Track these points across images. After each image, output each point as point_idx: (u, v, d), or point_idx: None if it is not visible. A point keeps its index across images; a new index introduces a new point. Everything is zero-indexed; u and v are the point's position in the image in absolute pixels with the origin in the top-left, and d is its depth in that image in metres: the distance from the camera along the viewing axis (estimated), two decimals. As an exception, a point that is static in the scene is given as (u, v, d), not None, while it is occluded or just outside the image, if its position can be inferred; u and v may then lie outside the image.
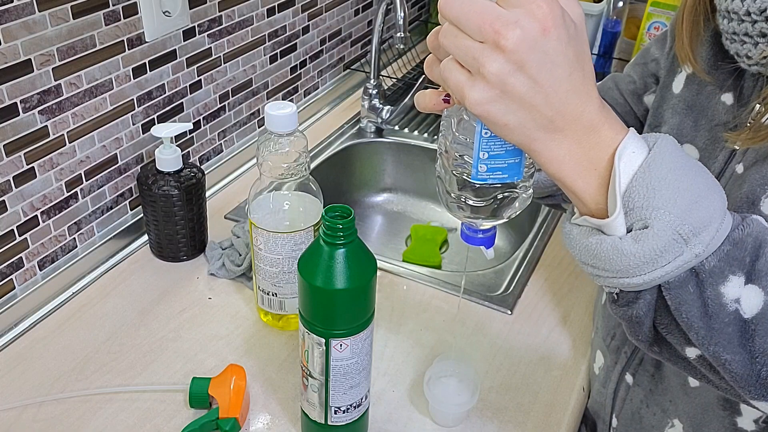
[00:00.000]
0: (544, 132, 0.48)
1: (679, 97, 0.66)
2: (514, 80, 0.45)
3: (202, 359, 0.82)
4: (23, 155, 0.83)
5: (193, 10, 1.01)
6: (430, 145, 1.29)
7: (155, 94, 0.99)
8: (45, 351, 0.82)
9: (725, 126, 0.61)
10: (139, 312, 0.88)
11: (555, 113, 0.47)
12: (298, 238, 0.78)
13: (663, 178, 0.47)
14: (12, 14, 0.76)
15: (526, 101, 0.46)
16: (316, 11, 1.29)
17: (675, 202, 0.46)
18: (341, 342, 0.61)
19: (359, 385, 0.66)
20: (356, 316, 0.61)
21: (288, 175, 0.77)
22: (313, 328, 0.62)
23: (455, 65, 0.47)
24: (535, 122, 0.47)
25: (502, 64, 0.44)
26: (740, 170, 0.59)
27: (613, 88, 0.80)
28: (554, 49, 0.45)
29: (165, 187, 0.90)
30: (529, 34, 0.44)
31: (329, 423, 0.67)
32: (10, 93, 0.79)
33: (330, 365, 0.63)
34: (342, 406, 0.66)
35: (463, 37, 0.45)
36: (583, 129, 0.48)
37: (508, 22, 0.44)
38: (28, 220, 0.86)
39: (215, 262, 0.94)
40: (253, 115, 1.22)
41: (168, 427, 0.73)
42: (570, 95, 0.47)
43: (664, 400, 0.69)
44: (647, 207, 0.47)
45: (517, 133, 0.47)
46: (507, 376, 0.81)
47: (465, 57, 0.46)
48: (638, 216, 0.47)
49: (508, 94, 0.46)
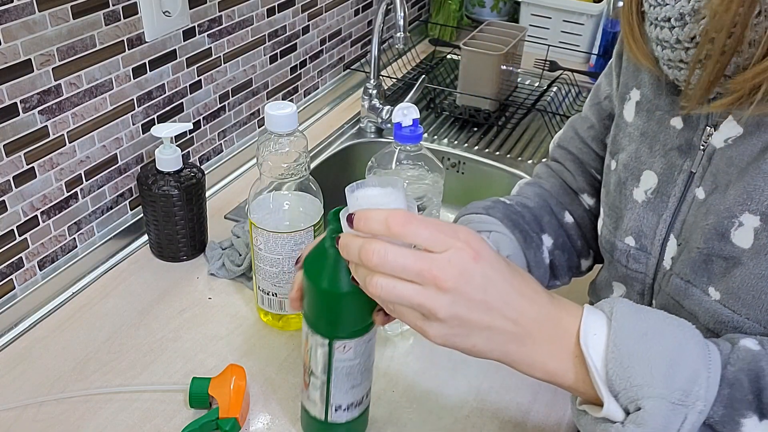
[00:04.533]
0: (515, 343, 0.51)
1: (632, 126, 0.65)
2: (465, 311, 0.49)
3: (202, 359, 0.82)
4: (23, 155, 0.83)
5: (193, 10, 1.01)
6: (429, 144, 1.29)
7: (155, 94, 0.99)
8: (45, 351, 0.82)
9: (679, 150, 0.60)
10: (139, 312, 0.88)
11: (514, 323, 0.50)
12: (298, 238, 0.78)
13: (632, 353, 0.48)
14: (12, 14, 0.76)
15: (484, 322, 0.49)
16: (316, 11, 1.29)
17: (653, 375, 0.47)
18: (345, 344, 0.61)
19: (361, 384, 0.65)
20: (361, 319, 0.61)
21: (288, 175, 0.77)
22: (317, 328, 0.61)
23: (407, 309, 0.50)
24: (502, 336, 0.50)
25: (449, 302, 0.48)
26: (701, 195, 0.58)
27: (575, 138, 0.79)
28: (490, 267, 0.50)
29: (165, 187, 0.90)
30: (463, 267, 0.48)
31: (329, 420, 0.67)
32: (10, 93, 0.79)
33: (332, 365, 0.63)
34: (343, 404, 0.66)
35: (401, 286, 0.49)
36: (547, 325, 0.51)
37: (442, 265, 0.48)
38: (28, 220, 0.86)
39: (215, 262, 0.94)
40: (253, 115, 1.22)
41: (168, 427, 0.73)
42: (520, 300, 0.51)
43: None
44: (630, 388, 0.48)
45: (488, 351, 0.51)
46: (507, 376, 0.81)
47: (412, 305, 0.49)
48: (627, 398, 0.48)
49: (465, 323, 0.49)
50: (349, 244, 0.51)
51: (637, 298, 0.66)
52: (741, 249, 0.54)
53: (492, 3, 1.72)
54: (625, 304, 0.51)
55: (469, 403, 0.78)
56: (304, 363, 0.66)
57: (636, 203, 0.64)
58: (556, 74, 1.47)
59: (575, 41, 1.59)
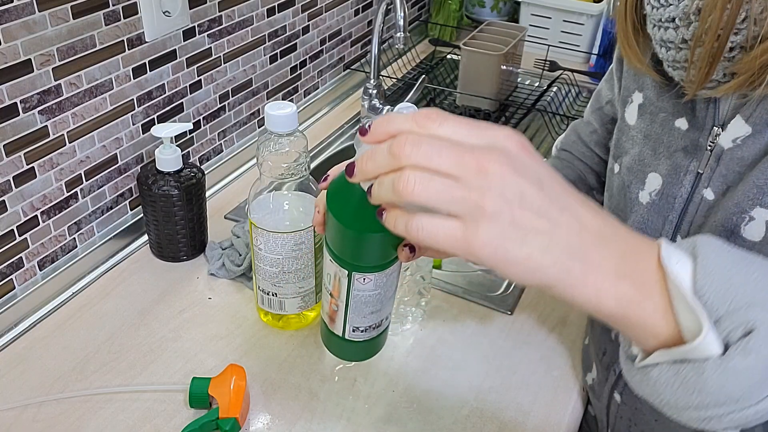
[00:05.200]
0: (579, 258, 0.40)
1: (635, 128, 0.65)
2: (518, 203, 0.39)
3: (202, 359, 0.82)
4: (23, 155, 0.83)
5: (193, 10, 1.01)
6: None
7: (155, 94, 0.99)
8: (45, 351, 0.82)
9: (684, 151, 0.60)
10: (139, 312, 0.88)
11: (578, 230, 0.40)
12: (298, 238, 0.78)
13: (731, 275, 0.40)
14: (12, 14, 0.76)
15: (542, 224, 0.39)
16: (316, 11, 1.29)
17: (765, 295, 0.39)
18: (365, 276, 0.57)
19: (380, 310, 0.61)
20: (384, 256, 0.56)
21: (288, 175, 0.77)
22: (337, 258, 0.56)
23: (437, 218, 0.40)
24: (564, 246, 0.39)
25: (498, 190, 0.38)
26: (710, 196, 0.58)
27: (578, 141, 0.79)
28: (542, 164, 0.41)
29: (165, 187, 0.90)
30: (513, 155, 0.39)
31: (346, 338, 0.63)
32: (10, 93, 0.79)
33: (351, 294, 0.59)
34: (360, 326, 0.62)
35: (438, 180, 0.39)
36: (615, 240, 0.41)
37: (486, 150, 0.39)
38: (28, 220, 0.86)
39: (215, 262, 0.94)
40: (253, 115, 1.22)
41: (168, 427, 0.73)
42: (581, 207, 0.41)
43: (650, 419, 0.68)
44: (736, 310, 0.39)
45: (545, 265, 0.39)
46: (507, 376, 0.81)
47: (453, 200, 0.39)
48: (732, 324, 0.39)
49: (519, 222, 0.39)
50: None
51: None
52: (752, 242, 0.53)
53: (492, 3, 1.71)
54: (707, 235, 0.43)
55: (469, 403, 0.78)
56: (324, 283, 0.61)
57: (641, 205, 0.63)
58: (556, 74, 1.47)
59: (575, 41, 1.59)
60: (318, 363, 0.82)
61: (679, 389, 0.40)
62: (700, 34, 0.51)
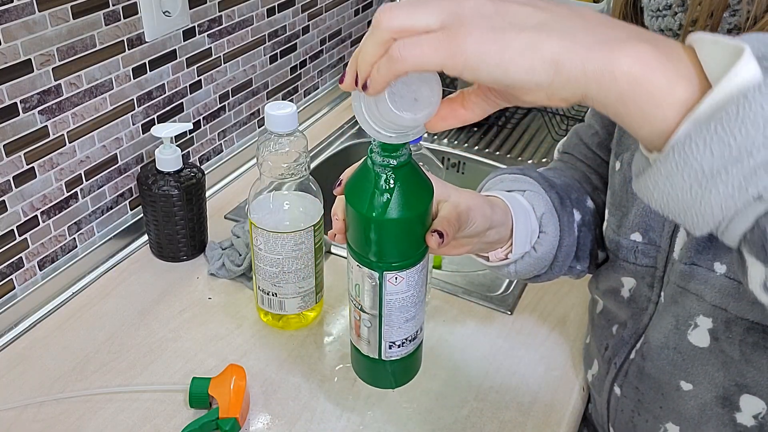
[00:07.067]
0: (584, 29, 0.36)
1: None
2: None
3: (202, 359, 0.82)
4: (23, 155, 0.83)
5: (193, 10, 1.01)
6: (429, 144, 1.29)
7: (155, 94, 0.99)
8: (45, 351, 0.82)
9: None
10: (139, 312, 0.88)
11: (577, 12, 0.37)
12: (298, 238, 0.78)
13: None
14: (12, 14, 0.76)
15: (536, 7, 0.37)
16: (316, 11, 1.29)
17: None
18: (396, 275, 0.54)
19: (415, 317, 0.59)
20: (414, 245, 0.54)
21: (288, 175, 0.77)
22: (364, 261, 0.54)
23: (429, 42, 0.38)
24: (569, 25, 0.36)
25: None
26: None
27: (579, 144, 0.79)
28: None
29: (165, 187, 0.90)
30: None
31: (383, 358, 0.61)
32: (10, 93, 0.79)
33: (384, 299, 0.56)
34: (397, 340, 0.60)
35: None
36: (623, 24, 0.37)
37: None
38: (28, 220, 0.86)
39: (215, 262, 0.94)
40: (253, 115, 1.22)
41: (168, 427, 0.73)
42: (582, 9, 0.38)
43: (654, 407, 0.68)
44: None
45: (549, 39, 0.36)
46: (507, 376, 0.81)
47: (434, 14, 0.38)
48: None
49: (505, 8, 0.37)
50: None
51: (647, 291, 0.66)
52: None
53: (492, 3, 1.71)
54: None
55: (469, 403, 0.78)
56: (352, 299, 0.60)
57: None
58: (556, 74, 1.47)
59: (575, 41, 1.58)
60: (318, 363, 0.82)
61: (716, 144, 0.32)
62: (692, 13, 0.51)
